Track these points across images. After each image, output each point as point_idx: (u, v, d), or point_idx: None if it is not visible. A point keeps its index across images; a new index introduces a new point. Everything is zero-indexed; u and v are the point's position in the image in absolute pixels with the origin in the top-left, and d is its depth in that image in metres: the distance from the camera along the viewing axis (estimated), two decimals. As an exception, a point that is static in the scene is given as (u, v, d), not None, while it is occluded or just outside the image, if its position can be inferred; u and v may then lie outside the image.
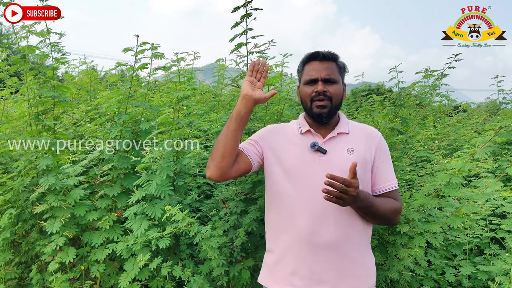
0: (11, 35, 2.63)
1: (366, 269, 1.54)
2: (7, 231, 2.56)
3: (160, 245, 2.13)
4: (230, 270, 2.36)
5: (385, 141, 1.66)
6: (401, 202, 1.62)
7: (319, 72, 1.54)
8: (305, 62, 1.61)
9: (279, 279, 1.53)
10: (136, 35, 2.51)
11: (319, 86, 1.53)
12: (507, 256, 2.38)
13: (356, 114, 4.94)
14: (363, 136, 1.59)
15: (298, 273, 1.48)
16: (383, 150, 1.60)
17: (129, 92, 2.62)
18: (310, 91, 1.55)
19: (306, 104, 1.58)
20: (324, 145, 1.54)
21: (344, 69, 1.63)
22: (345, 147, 1.54)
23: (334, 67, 1.57)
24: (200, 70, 4.57)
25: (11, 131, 3.14)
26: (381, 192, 1.57)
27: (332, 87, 1.54)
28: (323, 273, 1.47)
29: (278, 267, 1.54)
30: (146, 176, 2.29)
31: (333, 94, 1.54)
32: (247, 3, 2.18)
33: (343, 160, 1.50)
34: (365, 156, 1.54)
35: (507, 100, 5.25)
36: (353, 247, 1.50)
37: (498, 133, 2.19)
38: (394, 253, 2.47)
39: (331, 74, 1.54)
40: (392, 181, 1.58)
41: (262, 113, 2.80)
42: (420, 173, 3.65)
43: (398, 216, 1.58)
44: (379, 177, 1.57)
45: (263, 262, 1.67)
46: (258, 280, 1.66)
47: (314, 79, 1.54)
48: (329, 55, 1.56)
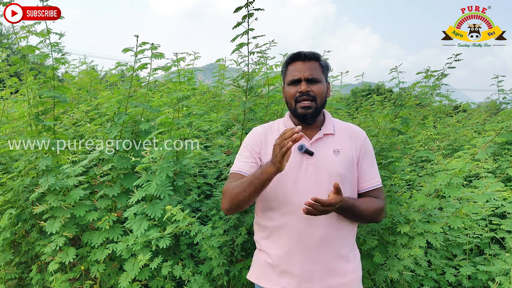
0: (11, 35, 2.63)
1: (354, 264, 1.58)
2: (7, 231, 2.56)
3: (160, 245, 2.13)
4: (231, 269, 2.36)
5: (370, 140, 1.70)
6: (384, 200, 1.66)
7: (301, 72, 1.56)
8: (288, 63, 1.63)
9: (271, 277, 1.55)
10: (136, 35, 2.51)
11: (303, 86, 1.54)
12: (507, 256, 2.38)
13: (356, 114, 4.94)
14: (348, 136, 1.63)
15: (289, 272, 1.51)
16: (368, 150, 1.64)
17: (129, 92, 2.62)
18: (294, 91, 1.57)
19: (291, 104, 1.60)
20: (311, 146, 1.56)
21: (327, 68, 1.64)
22: (331, 148, 1.57)
23: (316, 66, 1.58)
24: (200, 70, 4.57)
25: (11, 131, 3.14)
26: (365, 190, 1.62)
27: (315, 87, 1.56)
28: (314, 271, 1.49)
29: (269, 266, 1.56)
30: (146, 176, 2.29)
31: (316, 93, 1.55)
32: (249, 4, 2.18)
33: (330, 161, 1.54)
34: (351, 156, 1.58)
35: (507, 100, 5.25)
36: (342, 244, 1.55)
37: (499, 133, 2.19)
38: (394, 253, 2.47)
39: (313, 73, 1.56)
40: (376, 179, 1.63)
41: (262, 113, 2.80)
42: (420, 173, 3.65)
43: (382, 214, 1.62)
44: (363, 176, 1.61)
45: (253, 260, 1.69)
46: (248, 277, 1.67)
47: (297, 79, 1.56)
48: (311, 55, 1.58)
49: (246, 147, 1.64)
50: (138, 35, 2.50)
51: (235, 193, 1.48)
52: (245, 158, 1.62)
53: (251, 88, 2.55)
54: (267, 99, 2.68)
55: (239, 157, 1.64)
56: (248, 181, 1.44)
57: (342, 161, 1.55)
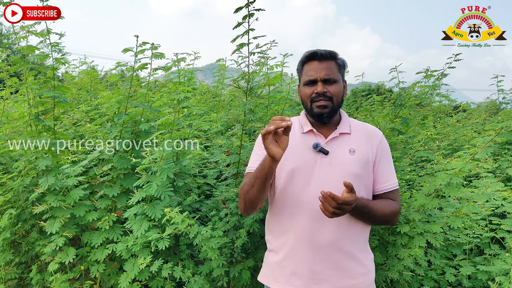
0: (11, 35, 2.62)
1: (366, 267, 1.54)
2: (7, 231, 2.56)
3: (160, 246, 2.13)
4: (231, 270, 2.36)
5: (386, 140, 1.65)
6: (400, 203, 1.62)
7: (318, 73, 1.52)
8: (304, 61, 1.60)
9: (280, 278, 1.54)
10: (136, 35, 2.51)
11: (319, 87, 1.51)
12: (507, 256, 2.39)
13: (356, 114, 4.94)
14: (365, 136, 1.59)
15: (299, 273, 1.49)
16: (384, 150, 1.60)
17: (129, 92, 2.62)
18: (310, 92, 1.54)
19: (307, 104, 1.57)
20: (326, 145, 1.53)
21: (344, 66, 1.61)
22: (347, 148, 1.53)
23: (333, 66, 1.54)
24: (200, 70, 4.57)
25: (11, 131, 3.13)
26: (381, 192, 1.57)
27: (332, 87, 1.52)
28: (323, 272, 1.47)
29: (279, 267, 1.55)
30: (147, 177, 2.29)
31: (333, 93, 1.52)
32: (250, 4, 2.18)
33: (345, 161, 1.50)
34: (367, 156, 1.54)
35: (507, 100, 5.25)
36: (353, 246, 1.51)
37: (499, 133, 2.19)
38: (394, 253, 2.47)
39: (330, 74, 1.52)
40: (392, 181, 1.58)
41: (262, 113, 2.80)
42: (420, 173, 3.64)
43: (397, 217, 1.59)
44: (379, 177, 1.57)
45: (264, 261, 1.67)
46: (258, 278, 1.66)
47: (314, 80, 1.53)
48: (327, 54, 1.54)
49: (259, 144, 1.63)
50: (138, 35, 2.50)
51: (245, 191, 1.49)
52: (257, 156, 1.60)
53: (251, 89, 2.55)
54: (267, 99, 2.68)
55: (253, 154, 1.64)
56: (253, 176, 1.44)
57: (358, 161, 1.51)
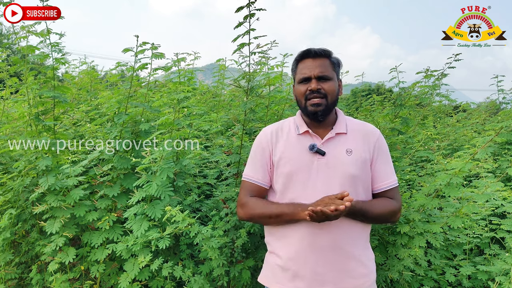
0: (11, 35, 2.62)
1: (367, 267, 1.54)
2: (7, 231, 2.56)
3: (160, 246, 2.13)
4: (231, 270, 2.36)
5: (384, 139, 1.64)
6: (400, 201, 1.62)
7: (312, 70, 1.52)
8: (298, 60, 1.59)
9: (281, 280, 1.53)
10: (136, 35, 2.51)
11: (313, 84, 1.50)
12: (507, 256, 2.39)
13: (356, 114, 4.94)
14: (362, 135, 1.57)
15: (300, 275, 1.48)
16: (382, 148, 1.59)
17: (129, 92, 2.62)
18: (304, 89, 1.53)
19: (301, 103, 1.56)
20: (323, 146, 1.53)
21: (339, 64, 1.60)
22: (344, 148, 1.52)
23: (327, 63, 1.54)
24: (201, 70, 4.57)
25: (11, 131, 3.13)
26: (380, 191, 1.57)
27: (326, 84, 1.52)
28: (325, 274, 1.46)
29: (280, 269, 1.54)
30: (147, 177, 2.29)
31: (327, 91, 1.51)
32: (251, 3, 2.18)
33: (342, 161, 1.50)
34: (364, 156, 1.53)
35: (507, 100, 5.25)
36: (354, 247, 1.50)
37: (499, 133, 2.19)
38: (394, 253, 2.47)
39: (324, 71, 1.52)
40: (390, 179, 1.57)
41: (262, 113, 2.80)
42: (420, 173, 3.65)
43: (397, 216, 1.58)
44: (377, 175, 1.56)
45: (264, 262, 1.67)
46: (259, 280, 1.65)
47: (308, 77, 1.52)
48: (321, 52, 1.54)
49: (256, 149, 1.63)
50: (138, 35, 2.50)
51: (258, 214, 1.55)
52: (255, 162, 1.62)
53: (252, 88, 2.55)
54: (267, 99, 2.68)
55: (250, 161, 1.64)
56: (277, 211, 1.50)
57: (355, 161, 1.50)
